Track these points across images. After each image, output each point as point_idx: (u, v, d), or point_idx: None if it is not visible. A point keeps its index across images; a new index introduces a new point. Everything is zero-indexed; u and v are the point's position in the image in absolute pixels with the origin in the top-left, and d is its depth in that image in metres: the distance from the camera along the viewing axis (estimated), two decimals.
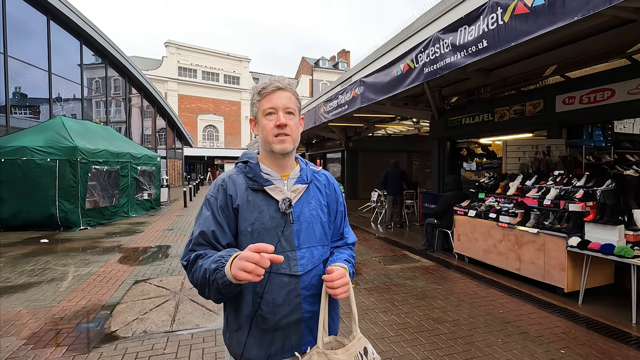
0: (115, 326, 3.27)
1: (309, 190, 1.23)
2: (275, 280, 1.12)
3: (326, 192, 1.28)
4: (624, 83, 4.61)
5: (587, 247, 3.63)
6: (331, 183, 1.32)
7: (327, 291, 1.09)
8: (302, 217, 1.18)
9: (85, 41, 13.27)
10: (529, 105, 5.97)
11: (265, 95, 1.16)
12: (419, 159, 15.91)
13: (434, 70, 3.87)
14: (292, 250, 1.14)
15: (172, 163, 24.95)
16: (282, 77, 1.19)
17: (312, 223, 1.20)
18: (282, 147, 1.15)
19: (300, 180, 1.21)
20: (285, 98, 1.16)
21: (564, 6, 2.47)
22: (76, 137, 8.72)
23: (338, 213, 1.31)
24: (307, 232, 1.18)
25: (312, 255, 1.18)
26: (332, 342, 1.15)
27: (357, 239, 1.34)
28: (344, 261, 1.21)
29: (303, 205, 1.19)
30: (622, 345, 2.90)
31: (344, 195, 1.26)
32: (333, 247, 1.31)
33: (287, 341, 1.14)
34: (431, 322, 3.35)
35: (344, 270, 1.13)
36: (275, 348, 1.13)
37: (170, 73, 36.14)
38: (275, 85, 1.15)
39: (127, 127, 17.48)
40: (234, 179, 1.19)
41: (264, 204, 1.15)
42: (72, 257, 5.82)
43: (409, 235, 7.92)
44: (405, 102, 8.33)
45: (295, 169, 1.25)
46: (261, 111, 1.17)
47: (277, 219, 1.14)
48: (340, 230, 1.33)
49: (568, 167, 5.06)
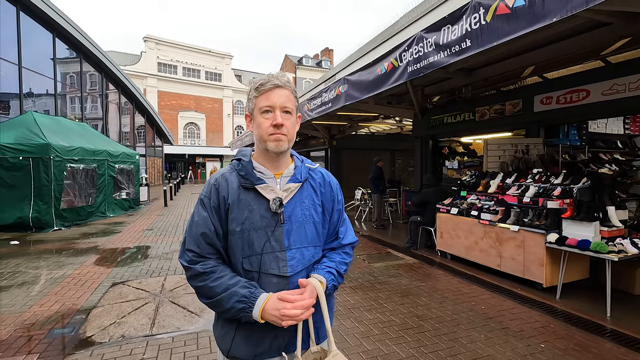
0: (91, 331, 3.14)
1: (303, 189, 1.20)
2: (264, 281, 1.11)
3: (321, 191, 1.24)
4: (598, 84, 4.77)
5: (564, 243, 3.73)
6: (327, 181, 1.28)
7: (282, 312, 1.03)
8: (293, 217, 1.15)
9: (58, 34, 12.72)
10: (509, 104, 6.10)
11: (263, 92, 1.12)
12: (402, 158, 16.09)
13: (418, 69, 3.88)
14: (281, 251, 1.12)
15: (152, 161, 24.32)
16: (282, 73, 1.16)
17: (304, 223, 1.17)
18: (276, 145, 1.12)
19: (294, 179, 1.18)
20: (284, 96, 1.12)
21: (543, 7, 2.51)
22: (49, 133, 8.35)
23: (334, 212, 1.28)
24: (299, 232, 1.15)
25: (302, 256, 1.15)
26: (320, 352, 1.14)
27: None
28: (326, 272, 1.17)
29: (295, 205, 1.16)
30: (598, 338, 3.00)
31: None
32: (327, 248, 1.27)
33: (275, 341, 1.12)
34: (415, 320, 3.37)
35: (320, 285, 1.11)
36: (262, 348, 1.12)
37: (150, 69, 35.14)
38: (273, 83, 1.11)
39: (104, 124, 16.90)
40: (227, 177, 1.16)
41: (255, 202, 1.13)
42: (45, 259, 5.57)
43: (392, 233, 7.98)
44: (388, 101, 8.37)
45: (289, 166, 1.21)
46: (258, 108, 1.13)
47: (268, 218, 1.12)
48: (336, 229, 1.29)
49: (546, 165, 5.20)
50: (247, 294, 1.05)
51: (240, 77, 42.73)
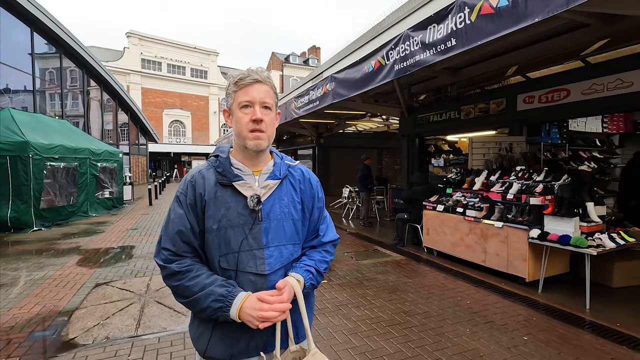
0: (73, 333, 3.06)
1: (282, 186, 1.19)
2: (241, 279, 1.09)
3: (300, 188, 1.23)
4: (578, 84, 4.90)
5: (546, 239, 3.83)
6: (307, 178, 1.27)
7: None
8: (272, 215, 1.14)
9: (37, 28, 12.30)
10: (493, 103, 6.21)
11: (242, 87, 1.11)
12: (389, 156, 16.22)
13: (404, 67, 3.91)
14: (259, 249, 1.11)
15: (136, 159, 23.84)
16: (261, 68, 1.15)
17: (283, 221, 1.16)
18: (256, 143, 1.11)
19: (273, 176, 1.17)
20: (263, 92, 1.12)
21: (526, 8, 2.57)
22: (27, 131, 8.08)
23: (315, 209, 1.26)
24: (277, 230, 1.14)
25: (280, 254, 1.14)
26: (299, 351, 1.14)
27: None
28: (305, 271, 1.16)
29: (274, 202, 1.15)
30: (578, 330, 3.09)
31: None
32: (307, 246, 1.26)
33: (252, 341, 1.11)
34: (403, 315, 3.41)
35: (298, 283, 1.11)
36: (239, 348, 1.10)
37: (133, 65, 34.39)
38: (253, 78, 1.11)
39: (86, 122, 16.46)
40: (204, 174, 1.14)
41: (232, 200, 1.11)
42: (24, 260, 5.40)
43: (379, 230, 8.05)
44: (375, 99, 8.41)
45: (269, 163, 1.20)
46: (237, 103, 1.12)
47: (245, 216, 1.11)
48: (316, 227, 1.28)
49: (528, 163, 5.32)
50: (225, 293, 1.03)
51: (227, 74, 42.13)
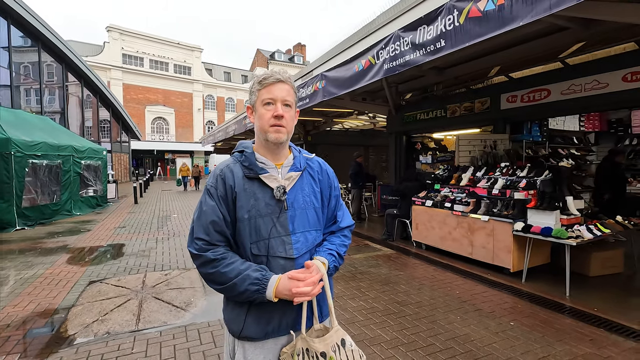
0: (73, 329, 3.07)
1: (303, 177, 1.29)
2: (272, 263, 1.19)
3: (319, 179, 1.33)
4: (558, 84, 5.16)
5: (530, 231, 4.05)
6: (324, 169, 1.37)
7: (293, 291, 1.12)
8: (295, 204, 1.24)
9: (13, 21, 11.89)
10: (478, 102, 6.44)
11: (266, 85, 1.21)
12: (375, 153, 16.42)
13: (394, 66, 4.03)
14: (287, 235, 1.21)
15: (119, 157, 23.32)
16: (284, 70, 1.25)
17: (306, 209, 1.26)
18: (276, 136, 1.20)
19: (294, 168, 1.27)
20: (285, 90, 1.22)
21: (511, 12, 2.73)
22: (8, 127, 7.85)
23: (332, 198, 1.37)
24: (301, 217, 1.24)
25: (306, 240, 1.25)
26: (322, 330, 1.23)
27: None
28: (328, 254, 1.26)
29: (297, 192, 1.25)
30: (559, 315, 3.31)
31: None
32: (327, 232, 1.37)
33: (284, 319, 1.20)
34: (397, 305, 3.56)
35: (323, 265, 1.21)
36: (272, 326, 1.19)
37: (114, 60, 33.47)
38: (276, 77, 1.21)
39: (65, 118, 15.99)
40: (232, 168, 1.23)
41: (259, 191, 1.20)
42: (10, 259, 5.29)
43: (368, 226, 8.21)
44: (363, 97, 8.54)
45: (289, 157, 1.30)
46: (260, 100, 1.22)
47: (272, 205, 1.20)
48: (334, 213, 1.38)
49: (512, 159, 5.57)
50: (260, 277, 1.13)
51: (211, 71, 41.65)
